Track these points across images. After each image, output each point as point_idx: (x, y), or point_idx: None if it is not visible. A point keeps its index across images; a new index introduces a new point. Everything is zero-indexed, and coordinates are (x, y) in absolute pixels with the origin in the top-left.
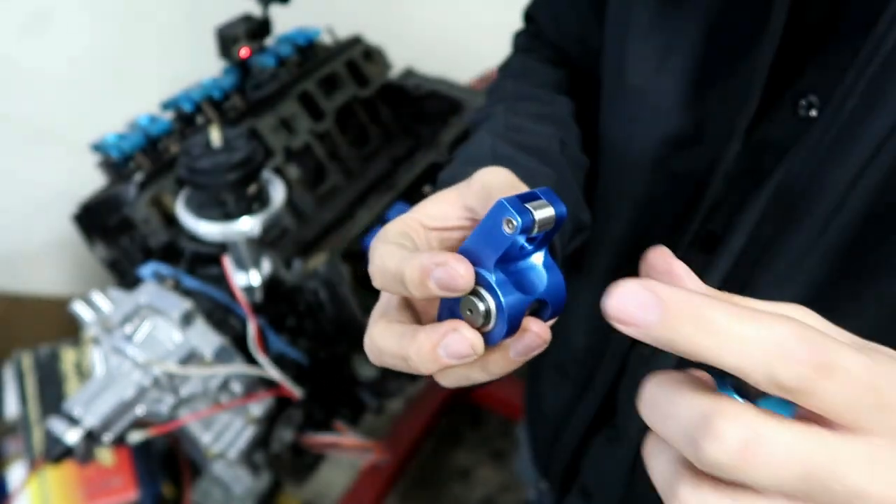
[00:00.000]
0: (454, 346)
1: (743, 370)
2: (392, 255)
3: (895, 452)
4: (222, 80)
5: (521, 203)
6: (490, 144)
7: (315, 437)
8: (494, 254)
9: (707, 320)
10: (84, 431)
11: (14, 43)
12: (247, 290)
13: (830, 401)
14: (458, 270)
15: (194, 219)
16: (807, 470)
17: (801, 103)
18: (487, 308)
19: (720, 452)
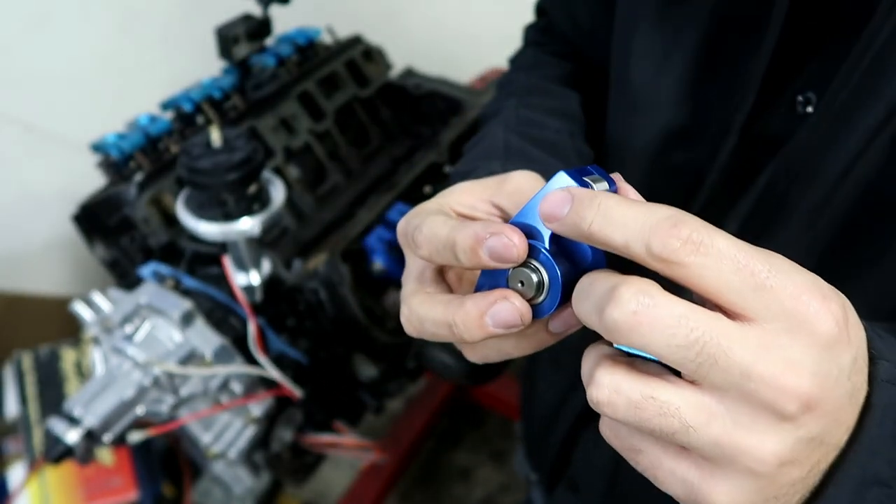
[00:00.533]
0: (503, 314)
1: (628, 246)
2: (443, 223)
3: (780, 339)
4: (222, 80)
5: (581, 176)
6: (502, 138)
7: (315, 437)
8: None
9: (601, 207)
10: (84, 431)
11: (14, 42)
12: (247, 290)
13: (701, 273)
14: (513, 240)
15: (194, 219)
16: (694, 338)
17: (798, 99)
18: (541, 280)
19: (618, 314)
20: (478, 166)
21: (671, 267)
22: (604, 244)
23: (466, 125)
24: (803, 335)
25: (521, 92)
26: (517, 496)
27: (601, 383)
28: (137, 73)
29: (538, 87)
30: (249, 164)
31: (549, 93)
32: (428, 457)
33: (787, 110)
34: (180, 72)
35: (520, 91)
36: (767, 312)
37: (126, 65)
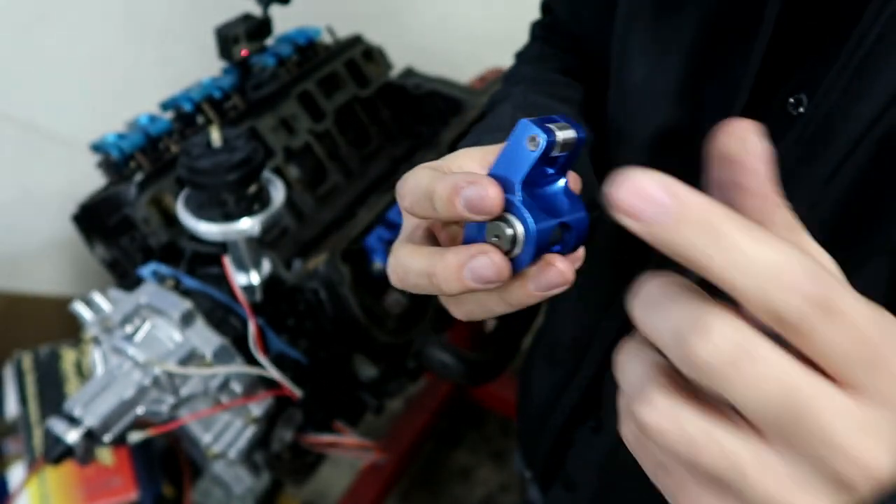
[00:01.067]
0: (480, 268)
1: (741, 291)
2: (427, 174)
3: (881, 416)
4: (222, 80)
5: (544, 123)
6: (511, 114)
7: (315, 437)
8: (519, 174)
9: (717, 230)
10: (84, 431)
11: (14, 42)
12: (247, 290)
13: (825, 344)
14: (488, 191)
15: (194, 219)
16: (790, 400)
17: (789, 101)
18: (514, 233)
19: (711, 353)
20: (483, 138)
21: (788, 329)
22: (702, 272)
23: (466, 125)
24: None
25: (528, 81)
26: (517, 496)
27: (657, 406)
28: (137, 73)
29: (545, 77)
30: (249, 164)
31: (556, 83)
32: (428, 457)
33: (779, 111)
34: (180, 72)
35: (527, 80)
36: (874, 389)
37: (126, 65)
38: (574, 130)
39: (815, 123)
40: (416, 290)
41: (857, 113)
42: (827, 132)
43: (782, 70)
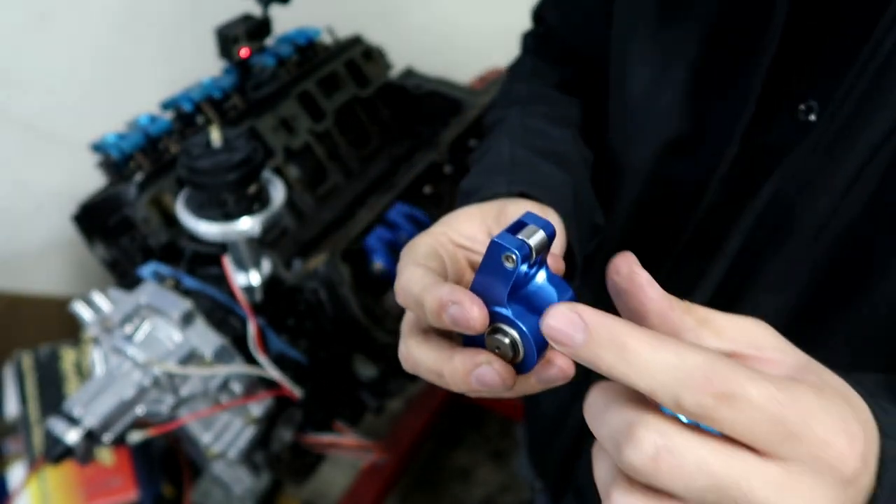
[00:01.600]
0: (486, 377)
1: (652, 392)
2: (417, 280)
3: (805, 480)
4: (222, 80)
5: (514, 236)
6: (508, 152)
7: (315, 437)
8: (504, 289)
9: (623, 347)
10: (84, 431)
11: (14, 42)
12: (247, 290)
13: (732, 427)
14: (472, 313)
15: (194, 219)
16: (715, 482)
17: (800, 108)
18: (513, 340)
19: (636, 457)
20: (483, 184)
21: (698, 419)
22: (621, 382)
23: (466, 125)
24: (828, 476)
25: (523, 100)
26: (517, 496)
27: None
28: (137, 73)
29: (539, 94)
30: (249, 164)
31: (551, 100)
32: (428, 457)
33: (788, 119)
34: (180, 72)
35: (522, 100)
36: (795, 456)
37: (126, 65)
38: (543, 230)
39: (832, 131)
40: (428, 380)
41: (876, 120)
42: (846, 140)
43: (789, 75)
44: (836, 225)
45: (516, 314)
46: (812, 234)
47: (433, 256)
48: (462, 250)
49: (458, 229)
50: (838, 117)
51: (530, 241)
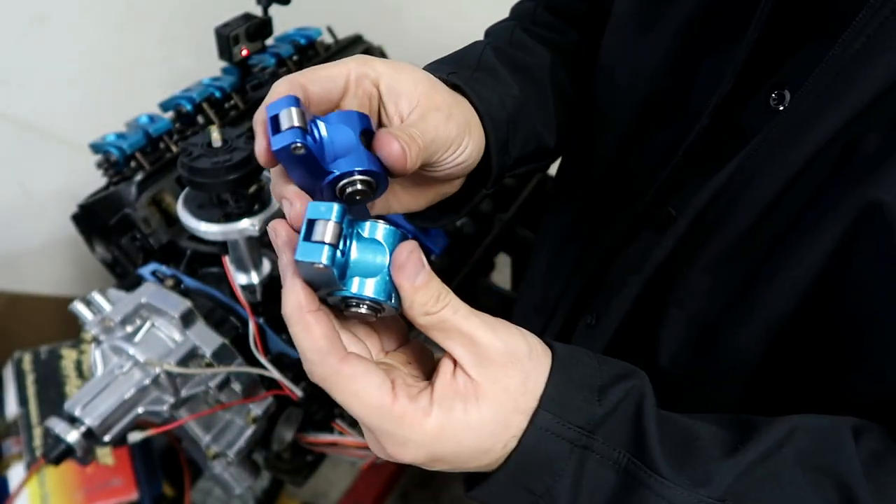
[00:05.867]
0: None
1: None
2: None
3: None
4: (222, 80)
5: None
6: (480, 52)
7: (315, 437)
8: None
9: (294, 325)
10: (84, 431)
11: (14, 42)
12: (247, 290)
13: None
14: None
15: (194, 219)
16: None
17: (773, 95)
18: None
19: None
20: (442, 69)
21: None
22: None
23: None
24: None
25: (524, 17)
26: None
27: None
28: (137, 73)
29: (546, 19)
30: (249, 164)
31: (555, 27)
32: None
33: (762, 104)
34: (180, 72)
35: (523, 16)
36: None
37: (126, 65)
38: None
39: (791, 123)
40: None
41: (829, 118)
42: (798, 133)
43: (771, 61)
44: (778, 215)
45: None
46: (754, 219)
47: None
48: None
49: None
50: (799, 110)
51: (294, 123)
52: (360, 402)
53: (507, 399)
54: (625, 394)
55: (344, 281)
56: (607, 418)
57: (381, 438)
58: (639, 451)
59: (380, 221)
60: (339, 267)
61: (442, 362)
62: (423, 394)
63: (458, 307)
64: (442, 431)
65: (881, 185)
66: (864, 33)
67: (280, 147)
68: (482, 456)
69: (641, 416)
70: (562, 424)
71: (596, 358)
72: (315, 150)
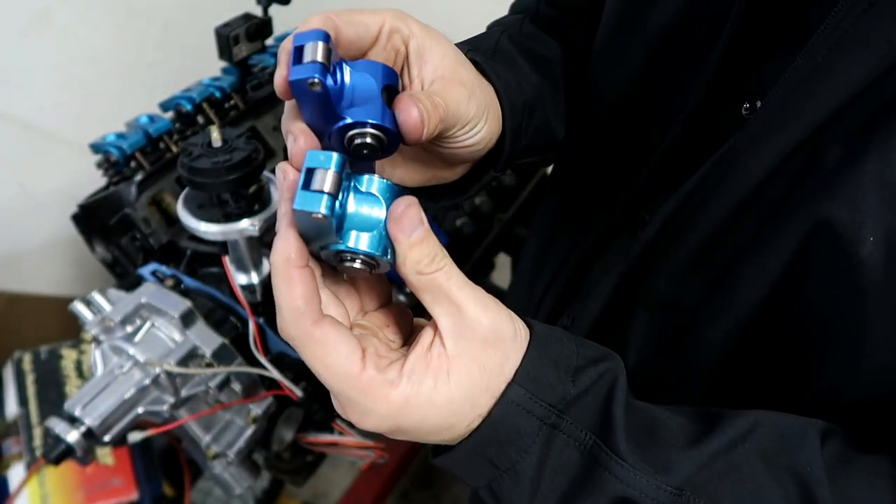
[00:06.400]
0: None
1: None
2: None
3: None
4: (222, 80)
5: (300, 65)
6: (496, 38)
7: (315, 437)
8: (330, 108)
9: (276, 276)
10: (84, 431)
11: (14, 42)
12: (247, 290)
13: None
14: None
15: (194, 219)
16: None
17: (745, 105)
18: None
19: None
20: (461, 47)
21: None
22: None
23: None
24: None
25: (529, 11)
26: None
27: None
28: (137, 73)
29: (553, 14)
30: (249, 164)
31: (557, 21)
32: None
33: (736, 113)
34: (180, 72)
35: (527, 11)
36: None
37: (126, 65)
38: (318, 41)
39: (756, 133)
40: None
41: (792, 128)
42: (762, 143)
43: (745, 70)
44: (738, 228)
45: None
46: (717, 230)
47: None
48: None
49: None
50: (764, 120)
51: (317, 57)
52: (327, 367)
53: (480, 378)
54: (598, 376)
55: (340, 234)
56: (578, 399)
57: (345, 405)
58: (604, 434)
59: (377, 176)
60: (336, 218)
61: (422, 333)
62: (394, 365)
63: (452, 273)
64: (407, 405)
65: (837, 199)
66: (825, 44)
67: (297, 78)
68: (444, 432)
69: (611, 400)
70: (533, 401)
71: (574, 339)
72: (332, 92)
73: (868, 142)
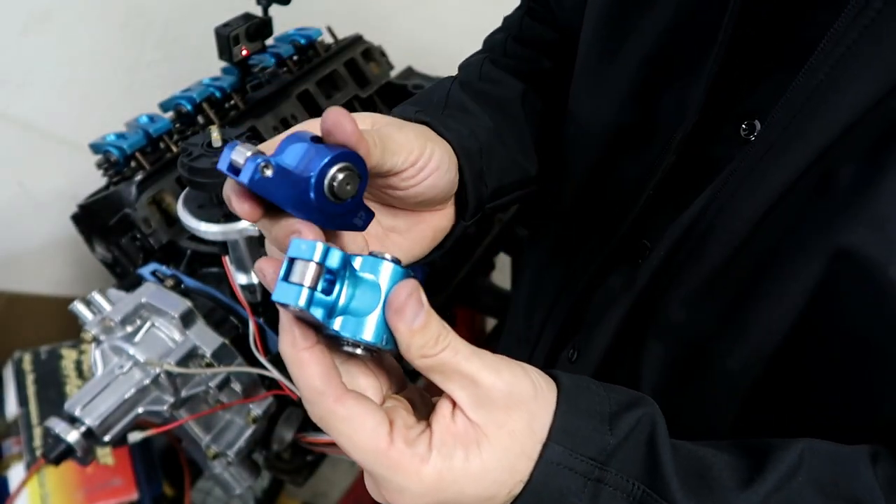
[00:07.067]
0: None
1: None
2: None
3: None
4: (222, 80)
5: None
6: (447, 91)
7: (315, 437)
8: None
9: (294, 367)
10: (84, 431)
11: (15, 42)
12: (247, 290)
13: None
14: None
15: (194, 219)
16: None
17: (743, 125)
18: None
19: (314, 415)
20: (409, 111)
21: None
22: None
23: None
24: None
25: (494, 49)
26: None
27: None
28: (137, 73)
29: (519, 51)
30: None
31: (527, 58)
32: None
33: (733, 134)
34: (180, 72)
35: (493, 48)
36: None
37: (126, 65)
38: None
39: (760, 156)
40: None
41: (799, 150)
42: (768, 167)
43: (739, 91)
44: (747, 254)
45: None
46: (726, 258)
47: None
48: None
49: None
50: (767, 141)
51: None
52: (354, 445)
53: (512, 444)
54: (636, 421)
55: (332, 321)
56: (619, 448)
57: (380, 483)
58: (654, 482)
59: (376, 256)
60: (325, 307)
61: (440, 403)
62: (422, 438)
63: (458, 348)
64: (441, 480)
65: (859, 221)
66: (827, 62)
67: (249, 180)
68: (486, 503)
69: (655, 446)
70: (573, 456)
71: (602, 386)
72: (283, 171)
73: (883, 160)
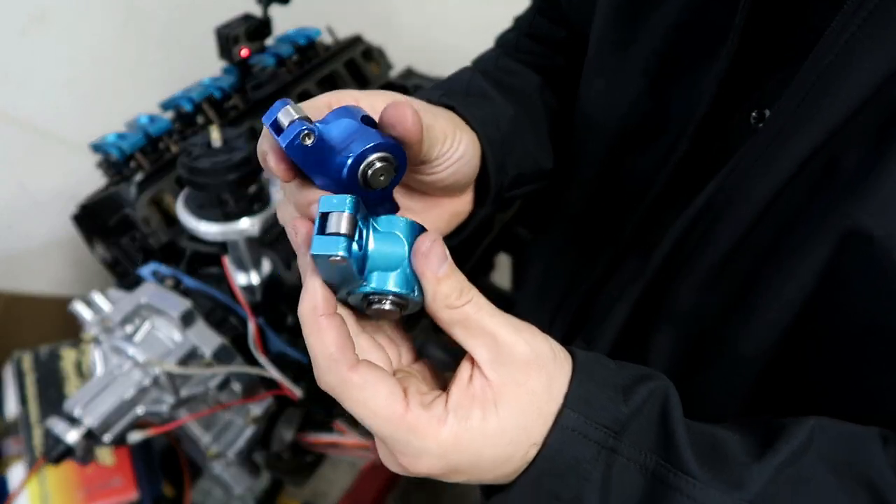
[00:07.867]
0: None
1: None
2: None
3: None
4: (222, 80)
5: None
6: (468, 78)
7: (315, 437)
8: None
9: (310, 330)
10: (84, 431)
11: (14, 43)
12: (247, 290)
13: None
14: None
15: (194, 219)
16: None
17: (753, 115)
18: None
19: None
20: (432, 93)
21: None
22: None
23: None
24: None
25: (507, 46)
26: None
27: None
28: (137, 73)
29: (529, 45)
30: (249, 164)
31: (536, 52)
32: None
33: (744, 124)
34: (180, 72)
35: (506, 45)
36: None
37: (126, 65)
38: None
39: (766, 143)
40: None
41: (804, 135)
42: (775, 153)
43: (750, 80)
44: (750, 242)
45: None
46: (734, 243)
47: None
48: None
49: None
50: (774, 129)
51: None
52: (370, 411)
53: (530, 403)
54: (649, 394)
55: (363, 276)
56: (633, 419)
57: (395, 449)
58: (667, 454)
59: (396, 215)
60: (357, 261)
61: (459, 368)
62: (438, 401)
63: (481, 304)
64: (458, 441)
65: (864, 204)
66: (833, 48)
67: (287, 144)
68: (502, 465)
69: (668, 418)
70: (589, 424)
71: (614, 362)
72: (323, 144)
73: (888, 144)
